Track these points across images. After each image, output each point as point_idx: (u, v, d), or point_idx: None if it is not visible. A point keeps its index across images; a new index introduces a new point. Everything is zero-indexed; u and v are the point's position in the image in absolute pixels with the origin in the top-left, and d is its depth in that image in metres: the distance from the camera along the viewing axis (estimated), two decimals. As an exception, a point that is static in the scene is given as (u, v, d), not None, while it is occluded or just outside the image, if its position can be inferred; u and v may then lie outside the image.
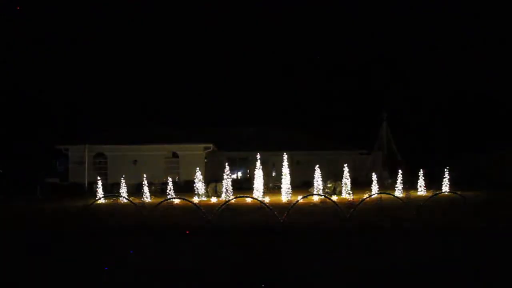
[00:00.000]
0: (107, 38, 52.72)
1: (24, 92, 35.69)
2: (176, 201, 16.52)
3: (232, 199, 14.62)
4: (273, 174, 26.97)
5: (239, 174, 29.89)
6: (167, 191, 18.57)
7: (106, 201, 17.89)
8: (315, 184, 18.89)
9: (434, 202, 14.01)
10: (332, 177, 22.02)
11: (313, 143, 29.40)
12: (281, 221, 11.56)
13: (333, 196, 18.12)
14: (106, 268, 7.46)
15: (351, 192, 18.88)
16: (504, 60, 38.53)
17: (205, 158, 25.94)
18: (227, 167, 19.39)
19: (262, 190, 18.77)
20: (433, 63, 42.10)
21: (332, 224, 11.69)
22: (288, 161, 19.26)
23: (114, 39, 52.50)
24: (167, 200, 15.03)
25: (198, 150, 25.45)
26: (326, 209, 14.13)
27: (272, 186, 24.74)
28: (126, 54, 50.83)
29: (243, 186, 24.26)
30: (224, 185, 19.24)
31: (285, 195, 18.60)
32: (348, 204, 14.17)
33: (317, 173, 18.80)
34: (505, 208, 14.11)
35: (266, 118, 37.42)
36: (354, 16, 54.73)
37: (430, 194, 16.53)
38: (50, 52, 46.53)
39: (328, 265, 7.58)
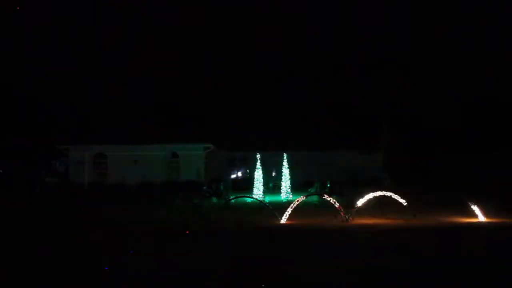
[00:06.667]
0: (107, 38, 52.68)
1: (24, 92, 35.65)
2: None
3: (232, 199, 14.62)
4: (273, 174, 26.97)
5: (239, 174, 29.89)
6: None
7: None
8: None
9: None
10: (331, 177, 22.04)
11: (313, 143, 29.38)
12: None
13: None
14: (106, 268, 7.45)
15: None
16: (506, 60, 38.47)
17: (205, 158, 25.94)
18: (227, 167, 19.41)
19: (262, 190, 18.82)
20: (436, 62, 42.05)
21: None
22: (288, 161, 19.31)
23: (114, 39, 52.47)
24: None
25: (198, 150, 25.43)
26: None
27: (272, 186, 24.79)
28: (126, 54, 50.79)
29: (243, 186, 24.23)
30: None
31: (285, 195, 18.66)
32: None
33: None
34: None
35: (266, 118, 37.34)
36: (355, 14, 54.70)
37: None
38: (50, 52, 46.51)
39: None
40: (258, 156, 19.30)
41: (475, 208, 12.42)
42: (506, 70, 37.77)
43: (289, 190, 19.18)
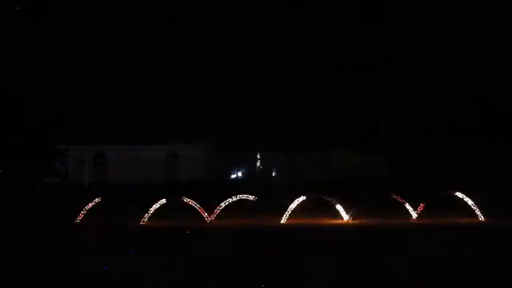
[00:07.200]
0: (107, 38, 52.56)
1: (24, 92, 35.64)
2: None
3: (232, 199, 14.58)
4: (273, 174, 26.95)
5: (239, 174, 29.86)
6: None
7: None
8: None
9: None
10: (331, 177, 22.06)
11: (313, 143, 29.37)
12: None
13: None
14: (106, 268, 7.45)
15: None
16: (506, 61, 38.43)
17: (205, 158, 25.93)
18: (227, 167, 19.40)
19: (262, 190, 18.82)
20: (436, 62, 41.96)
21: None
22: (288, 161, 19.32)
23: (114, 39, 52.34)
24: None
25: (198, 150, 25.42)
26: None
27: (272, 186, 24.76)
28: (126, 54, 50.68)
29: (243, 186, 24.19)
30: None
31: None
32: None
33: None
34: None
35: (266, 117, 37.30)
36: (355, 14, 54.57)
37: None
38: (50, 52, 46.42)
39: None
40: (258, 156, 19.29)
41: (475, 208, 12.43)
42: (506, 70, 37.72)
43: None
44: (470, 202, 12.51)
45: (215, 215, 12.58)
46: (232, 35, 54.24)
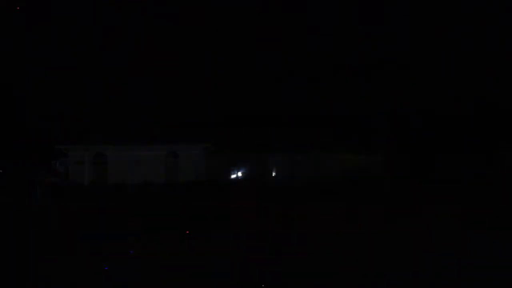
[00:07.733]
0: (107, 38, 52.54)
1: (24, 91, 35.60)
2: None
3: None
4: (273, 174, 26.95)
5: (239, 174, 29.84)
6: None
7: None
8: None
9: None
10: (331, 177, 22.08)
11: (313, 143, 29.34)
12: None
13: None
14: (106, 268, 7.45)
15: None
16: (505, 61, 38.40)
17: (205, 158, 25.93)
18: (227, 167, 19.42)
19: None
20: (436, 62, 41.92)
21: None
22: (287, 161, 19.35)
23: (114, 39, 52.32)
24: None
25: (198, 150, 25.44)
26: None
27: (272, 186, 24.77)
28: (126, 54, 50.65)
29: (243, 185, 24.20)
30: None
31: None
32: None
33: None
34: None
35: (266, 118, 37.26)
36: (355, 14, 54.55)
37: None
38: (50, 52, 46.42)
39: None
40: (257, 156, 19.33)
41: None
42: (506, 70, 37.70)
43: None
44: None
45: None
46: (232, 35, 54.17)
